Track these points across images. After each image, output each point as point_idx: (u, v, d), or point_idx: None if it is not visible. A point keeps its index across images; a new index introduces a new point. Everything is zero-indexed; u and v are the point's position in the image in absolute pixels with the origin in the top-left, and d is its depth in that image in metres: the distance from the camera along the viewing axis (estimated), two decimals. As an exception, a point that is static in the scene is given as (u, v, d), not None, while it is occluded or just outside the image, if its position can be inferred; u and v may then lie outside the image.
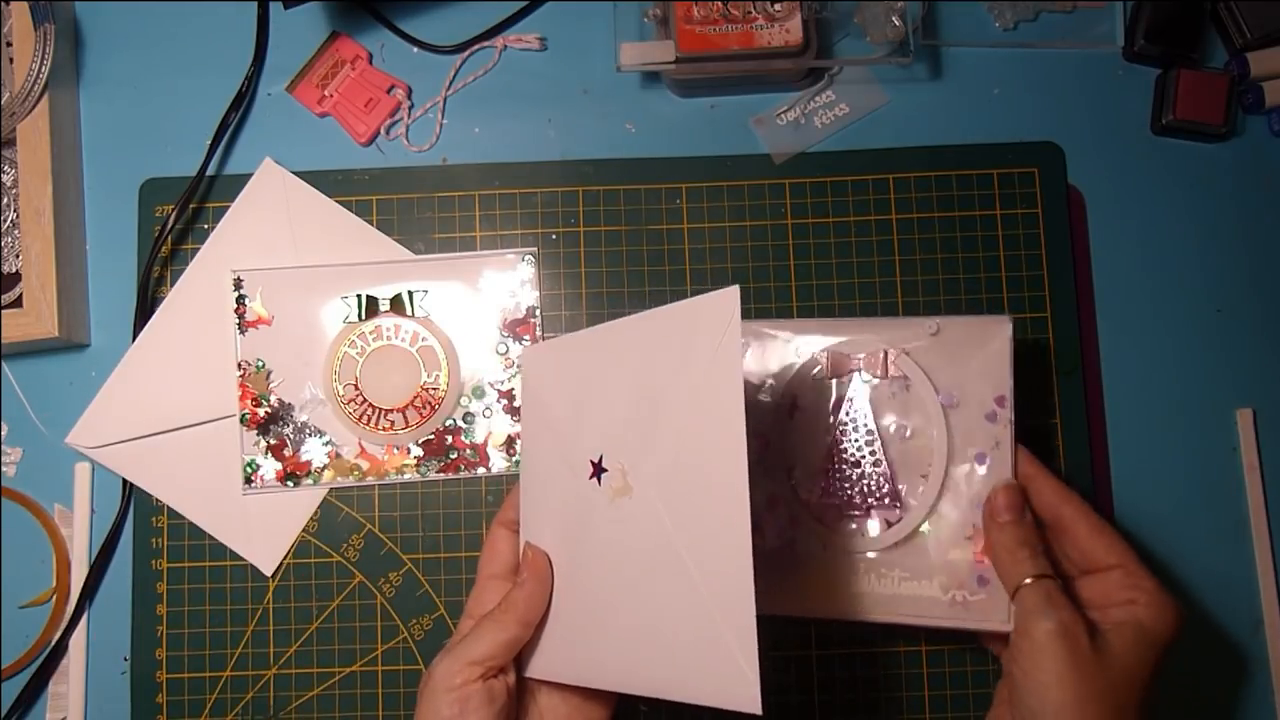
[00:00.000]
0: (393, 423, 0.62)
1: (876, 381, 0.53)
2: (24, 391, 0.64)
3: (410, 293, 0.63)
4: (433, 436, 0.62)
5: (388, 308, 0.63)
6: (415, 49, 0.66)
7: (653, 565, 0.44)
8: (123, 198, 0.65)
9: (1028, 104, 0.65)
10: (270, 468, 0.62)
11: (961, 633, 0.56)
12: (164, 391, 0.62)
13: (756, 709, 0.38)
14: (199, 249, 0.64)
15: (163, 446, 0.62)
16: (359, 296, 0.63)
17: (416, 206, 0.64)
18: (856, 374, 0.54)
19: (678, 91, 0.65)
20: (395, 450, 0.62)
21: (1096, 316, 0.63)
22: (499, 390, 0.63)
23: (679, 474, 0.44)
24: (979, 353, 0.52)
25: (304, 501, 0.62)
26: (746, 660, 0.39)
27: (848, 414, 0.54)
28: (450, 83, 0.66)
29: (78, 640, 0.62)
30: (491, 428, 0.62)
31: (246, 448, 0.62)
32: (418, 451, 0.62)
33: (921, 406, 0.53)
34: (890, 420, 0.53)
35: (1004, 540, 0.49)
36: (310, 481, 0.62)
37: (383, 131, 0.65)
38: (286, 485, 0.62)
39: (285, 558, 0.62)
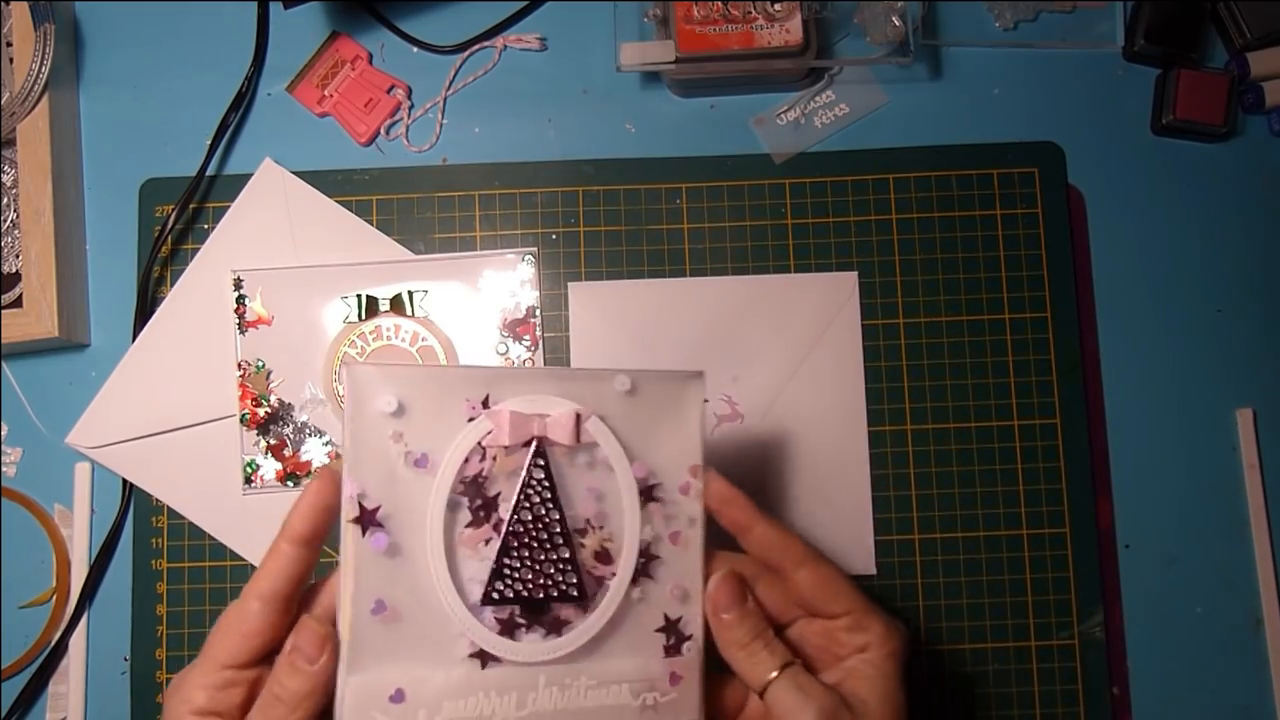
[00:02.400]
0: (393, 423, 0.62)
1: (565, 448, 0.44)
2: (24, 391, 0.64)
3: (410, 293, 0.63)
4: (433, 436, 0.62)
5: (388, 308, 0.63)
6: (415, 49, 0.66)
7: None
8: (123, 198, 0.65)
9: (1028, 104, 0.65)
10: (270, 468, 0.62)
11: None
12: (164, 391, 0.62)
13: None
14: (199, 249, 0.64)
15: (163, 446, 0.62)
16: (359, 296, 0.63)
17: (416, 206, 0.64)
18: (540, 440, 0.44)
19: (678, 91, 0.65)
20: (395, 450, 0.62)
21: (1096, 316, 0.63)
22: (499, 390, 0.63)
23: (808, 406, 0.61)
24: (674, 416, 0.46)
25: (304, 501, 0.62)
26: None
27: (529, 488, 0.44)
28: (450, 83, 0.66)
29: (78, 640, 0.62)
30: (491, 428, 0.62)
31: (246, 448, 0.62)
32: (418, 451, 0.62)
33: (615, 480, 0.45)
34: (581, 498, 0.45)
35: (736, 638, 0.45)
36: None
37: (383, 131, 0.65)
38: (286, 485, 0.62)
39: (285, 558, 0.61)
